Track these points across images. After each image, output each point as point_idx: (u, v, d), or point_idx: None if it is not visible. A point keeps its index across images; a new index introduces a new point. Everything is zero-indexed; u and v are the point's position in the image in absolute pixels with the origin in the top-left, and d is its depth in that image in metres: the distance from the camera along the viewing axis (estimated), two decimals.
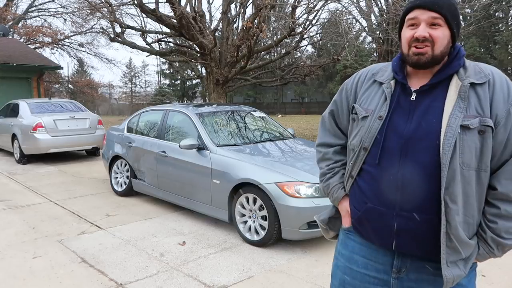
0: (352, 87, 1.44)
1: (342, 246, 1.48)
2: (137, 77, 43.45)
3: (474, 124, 1.16)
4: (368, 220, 1.32)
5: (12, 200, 5.51)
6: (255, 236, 3.79)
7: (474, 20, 11.03)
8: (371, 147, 1.29)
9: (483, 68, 1.24)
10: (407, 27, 1.27)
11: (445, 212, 1.17)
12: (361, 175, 1.34)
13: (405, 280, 1.30)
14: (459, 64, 1.25)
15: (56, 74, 26.05)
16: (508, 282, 3.04)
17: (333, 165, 1.50)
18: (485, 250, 1.23)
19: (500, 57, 22.31)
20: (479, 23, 11.82)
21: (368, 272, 1.37)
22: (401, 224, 1.23)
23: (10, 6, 21.90)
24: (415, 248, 1.25)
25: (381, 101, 1.31)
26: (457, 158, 1.16)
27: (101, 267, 3.31)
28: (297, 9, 8.92)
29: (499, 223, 1.20)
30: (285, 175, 3.69)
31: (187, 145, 4.36)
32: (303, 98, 39.00)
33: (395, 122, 1.26)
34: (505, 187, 1.19)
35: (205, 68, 10.20)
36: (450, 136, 1.16)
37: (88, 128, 8.78)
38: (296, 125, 17.68)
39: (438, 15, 1.21)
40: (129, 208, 5.08)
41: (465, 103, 1.19)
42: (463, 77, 1.22)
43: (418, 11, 1.23)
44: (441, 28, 1.22)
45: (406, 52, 1.26)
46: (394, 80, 1.33)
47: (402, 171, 1.22)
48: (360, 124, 1.35)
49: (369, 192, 1.31)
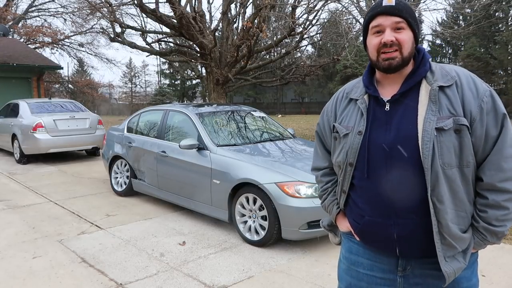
0: (332, 108, 1.50)
1: (346, 250, 1.52)
2: (137, 77, 43.41)
3: (448, 125, 1.20)
4: (369, 232, 1.37)
5: (12, 200, 5.51)
6: (255, 236, 3.79)
7: (474, 20, 11.01)
8: (357, 162, 1.34)
9: (449, 71, 1.29)
10: (372, 34, 1.31)
11: (435, 213, 1.22)
12: (353, 189, 1.39)
13: (411, 277, 1.34)
14: (426, 70, 1.30)
15: (56, 74, 26.04)
16: (508, 282, 3.04)
17: (324, 186, 1.58)
18: (479, 238, 1.28)
19: (500, 57, 22.30)
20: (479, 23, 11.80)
21: (374, 273, 1.40)
22: (400, 231, 1.28)
23: (10, 6, 21.89)
24: (416, 251, 1.30)
25: (358, 117, 1.36)
26: (437, 160, 1.20)
27: (101, 267, 3.31)
28: (297, 9, 8.92)
29: (489, 212, 1.24)
30: (285, 175, 3.69)
31: (187, 145, 4.36)
32: (303, 98, 38.99)
33: (375, 134, 1.31)
34: (489, 177, 1.23)
35: (205, 68, 10.20)
36: (427, 140, 1.20)
37: (88, 128, 8.78)
38: (296, 125, 17.69)
39: (400, 19, 1.26)
40: (129, 208, 5.08)
41: (437, 105, 1.23)
42: (431, 81, 1.27)
43: (381, 18, 1.28)
44: (405, 30, 1.27)
45: (375, 59, 1.31)
46: (367, 94, 1.38)
47: (390, 180, 1.27)
48: (342, 141, 1.40)
49: (364, 205, 1.36)
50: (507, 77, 23.04)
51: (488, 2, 10.60)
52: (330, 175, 1.56)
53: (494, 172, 1.23)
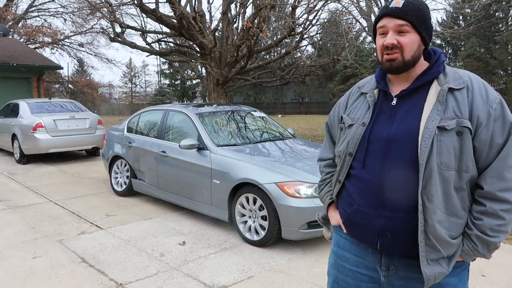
0: (344, 101, 1.54)
1: (334, 244, 1.54)
2: (137, 77, 43.38)
3: (450, 126, 1.20)
4: (354, 221, 1.38)
5: (12, 200, 5.51)
6: (255, 236, 3.79)
7: (474, 20, 11.02)
8: (356, 152, 1.36)
9: (462, 75, 1.29)
10: (379, 35, 1.34)
11: (423, 211, 1.21)
12: (349, 179, 1.41)
13: (394, 278, 1.33)
14: (439, 71, 1.30)
15: (56, 74, 26.04)
16: (508, 282, 3.04)
17: (324, 176, 1.61)
18: (469, 247, 1.25)
19: (500, 57, 22.30)
20: (479, 23, 11.81)
21: (359, 269, 1.41)
22: (384, 224, 1.28)
23: (10, 6, 21.90)
24: (398, 247, 1.28)
25: (365, 109, 1.39)
26: (434, 158, 1.20)
27: (101, 267, 3.31)
28: (297, 9, 8.92)
29: (484, 220, 1.22)
30: (285, 175, 3.69)
31: (187, 145, 4.36)
32: (303, 98, 39.00)
33: (378, 126, 1.33)
34: (490, 185, 1.22)
35: (205, 68, 10.20)
36: (427, 137, 1.20)
37: (88, 128, 8.78)
38: (296, 125, 17.69)
39: (404, 21, 1.26)
40: (129, 208, 5.08)
41: (443, 106, 1.24)
42: (443, 82, 1.28)
43: (385, 19, 1.30)
44: (409, 34, 1.27)
45: (380, 59, 1.34)
46: (377, 89, 1.40)
47: (384, 172, 1.28)
48: (346, 132, 1.42)
49: (356, 195, 1.36)
50: (507, 77, 23.04)
51: (488, 2, 10.61)
52: (332, 167, 1.57)
53: (496, 181, 1.21)
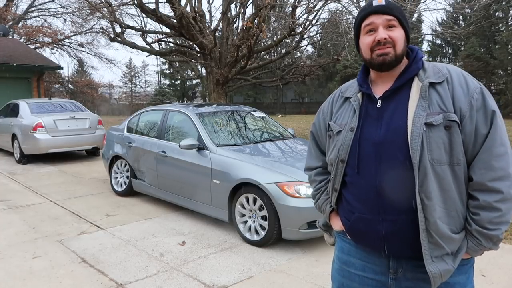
0: (328, 107, 1.52)
1: (339, 250, 1.51)
2: (137, 77, 43.31)
3: (438, 121, 1.20)
4: (357, 229, 1.36)
5: (12, 200, 5.51)
6: (255, 236, 3.79)
7: (474, 20, 11.01)
8: (348, 158, 1.35)
9: (440, 68, 1.30)
10: (364, 34, 1.33)
11: (422, 209, 1.20)
12: (345, 187, 1.39)
13: (403, 280, 1.31)
14: (418, 67, 1.31)
15: (56, 74, 26.02)
16: (508, 282, 3.04)
17: (318, 185, 1.58)
18: (473, 243, 1.25)
19: (500, 57, 22.27)
20: (479, 23, 11.80)
21: (366, 274, 1.39)
22: (388, 228, 1.27)
23: (10, 6, 21.89)
24: (405, 250, 1.27)
25: (351, 114, 1.38)
26: (426, 155, 1.20)
27: (101, 267, 3.31)
28: (297, 9, 8.92)
29: (482, 215, 1.21)
30: (285, 175, 3.69)
31: (187, 145, 4.36)
32: (303, 98, 38.96)
33: (366, 130, 1.32)
34: (479, 176, 1.21)
35: (205, 68, 10.19)
36: (416, 135, 1.20)
37: (88, 128, 8.78)
38: (296, 125, 17.68)
39: (392, 17, 1.29)
40: (129, 208, 5.08)
41: (427, 101, 1.24)
42: (423, 78, 1.28)
43: (373, 17, 1.30)
44: (397, 28, 1.30)
45: (369, 57, 1.33)
46: (360, 92, 1.40)
47: (379, 176, 1.27)
48: (335, 139, 1.41)
49: (354, 202, 1.35)
50: (507, 77, 23.01)
51: (488, 2, 10.59)
52: (323, 174, 1.56)
53: (485, 171, 1.20)
